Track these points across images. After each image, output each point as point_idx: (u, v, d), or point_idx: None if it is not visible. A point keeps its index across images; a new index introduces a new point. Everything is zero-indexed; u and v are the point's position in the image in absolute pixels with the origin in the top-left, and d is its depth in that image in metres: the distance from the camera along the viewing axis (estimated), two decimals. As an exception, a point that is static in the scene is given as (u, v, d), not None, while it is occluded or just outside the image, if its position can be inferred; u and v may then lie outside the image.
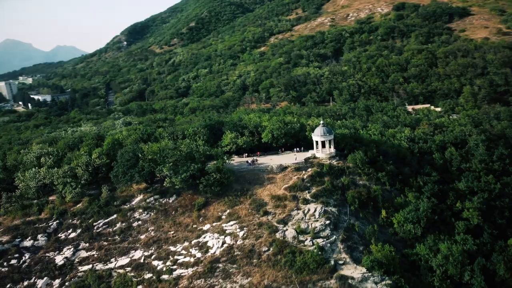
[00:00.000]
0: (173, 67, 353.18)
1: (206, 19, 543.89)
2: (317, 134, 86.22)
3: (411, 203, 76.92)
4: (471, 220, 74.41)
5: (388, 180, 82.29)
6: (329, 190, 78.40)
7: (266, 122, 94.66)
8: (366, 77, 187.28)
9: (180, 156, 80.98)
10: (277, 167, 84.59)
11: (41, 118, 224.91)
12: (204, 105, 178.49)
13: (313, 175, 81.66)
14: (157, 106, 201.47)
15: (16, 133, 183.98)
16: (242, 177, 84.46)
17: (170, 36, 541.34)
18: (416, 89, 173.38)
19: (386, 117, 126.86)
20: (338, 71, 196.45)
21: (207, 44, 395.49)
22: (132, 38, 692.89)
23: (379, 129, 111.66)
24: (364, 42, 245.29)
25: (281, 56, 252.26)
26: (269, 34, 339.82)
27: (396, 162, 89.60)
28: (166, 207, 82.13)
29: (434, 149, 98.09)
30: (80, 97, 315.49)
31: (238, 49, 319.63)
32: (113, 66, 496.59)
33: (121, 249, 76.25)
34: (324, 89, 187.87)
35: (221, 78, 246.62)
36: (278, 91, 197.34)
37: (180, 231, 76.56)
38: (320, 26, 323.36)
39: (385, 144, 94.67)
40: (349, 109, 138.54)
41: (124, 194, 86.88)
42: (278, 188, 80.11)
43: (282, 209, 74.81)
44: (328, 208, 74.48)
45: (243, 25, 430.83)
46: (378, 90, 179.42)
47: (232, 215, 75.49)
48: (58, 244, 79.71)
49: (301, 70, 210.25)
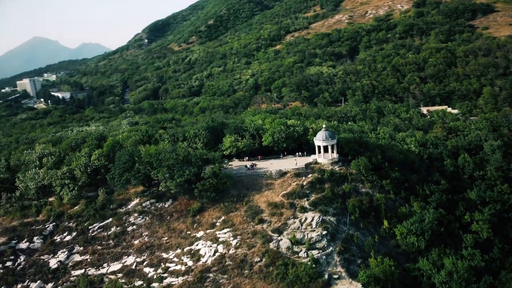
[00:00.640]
0: (189, 65, 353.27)
1: (224, 17, 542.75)
2: (319, 138, 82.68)
3: (416, 214, 72.68)
4: (481, 234, 69.61)
5: (393, 188, 78.11)
6: (329, 198, 74.93)
7: (268, 125, 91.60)
8: (381, 77, 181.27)
9: (177, 159, 78.96)
10: (276, 173, 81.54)
11: (56, 116, 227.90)
12: (214, 105, 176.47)
13: (313, 181, 78.25)
14: (168, 105, 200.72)
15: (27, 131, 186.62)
16: (240, 182, 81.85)
17: (189, 34, 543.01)
18: (433, 89, 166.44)
19: (397, 120, 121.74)
20: (352, 71, 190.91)
21: (224, 42, 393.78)
22: (153, 35, 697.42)
23: (389, 132, 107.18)
24: (381, 40, 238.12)
25: (295, 54, 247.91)
26: (285, 32, 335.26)
27: (403, 169, 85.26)
28: (161, 211, 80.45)
29: (445, 155, 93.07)
30: (97, 95, 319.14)
31: (253, 47, 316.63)
32: (131, 64, 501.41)
33: (114, 254, 75.04)
34: (337, 89, 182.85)
35: (234, 77, 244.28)
36: (290, 91, 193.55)
37: (173, 237, 74.72)
38: (337, 24, 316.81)
39: (392, 150, 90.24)
40: (360, 111, 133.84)
41: (121, 197, 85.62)
42: (275, 194, 77.13)
43: (278, 217, 71.86)
44: (326, 217, 71.11)
45: (260, 22, 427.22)
46: (393, 90, 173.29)
47: (227, 222, 73.04)
48: (53, 247, 79.15)
49: (314, 69, 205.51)
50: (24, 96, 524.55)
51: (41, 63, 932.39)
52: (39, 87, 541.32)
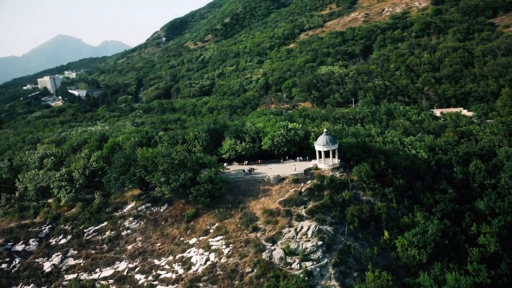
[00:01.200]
0: (202, 64, 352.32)
1: (240, 15, 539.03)
2: (319, 143, 79.64)
3: (419, 224, 68.97)
4: (488, 247, 65.43)
5: (396, 197, 74.48)
6: (327, 206, 71.92)
7: (268, 128, 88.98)
8: (394, 77, 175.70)
9: (172, 164, 77.17)
10: (274, 178, 78.92)
11: (69, 115, 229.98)
12: (222, 105, 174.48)
13: (312, 188, 75.36)
14: (177, 105, 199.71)
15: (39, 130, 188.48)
16: (237, 187, 79.62)
17: (205, 32, 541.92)
18: (448, 90, 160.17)
19: (407, 123, 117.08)
20: (365, 71, 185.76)
21: (238, 41, 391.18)
22: (171, 34, 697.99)
23: (397, 136, 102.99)
24: (397, 39, 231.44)
25: (308, 53, 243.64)
26: (299, 30, 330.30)
27: (408, 176, 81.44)
28: (156, 216, 78.91)
29: (455, 161, 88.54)
30: (111, 93, 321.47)
31: (267, 46, 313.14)
32: (147, 62, 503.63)
33: (107, 259, 73.85)
34: (348, 90, 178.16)
35: (245, 76, 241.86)
36: (300, 91, 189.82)
37: (166, 243, 73.04)
38: (352, 22, 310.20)
39: (398, 155, 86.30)
40: (369, 113, 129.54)
41: (117, 200, 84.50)
42: (272, 201, 74.56)
43: (273, 225, 69.30)
44: (323, 226, 68.18)
45: (275, 21, 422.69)
46: (406, 91, 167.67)
47: (220, 230, 70.90)
48: (48, 250, 78.57)
49: (326, 69, 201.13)
50: (44, 93, 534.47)
51: (64, 61, 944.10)
52: (59, 84, 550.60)
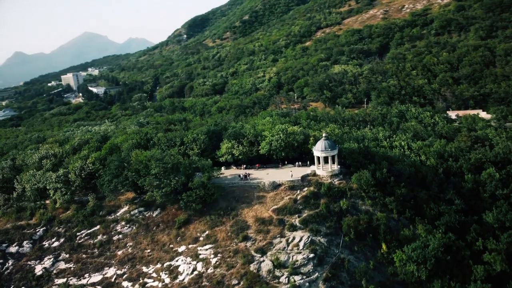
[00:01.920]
0: (218, 62, 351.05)
1: (259, 12, 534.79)
2: (317, 148, 76.01)
3: (420, 238, 64.62)
4: (493, 265, 60.55)
5: (397, 207, 70.19)
6: (323, 216, 68.42)
7: (267, 131, 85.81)
8: (410, 77, 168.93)
9: (164, 168, 75.06)
10: (269, 184, 75.81)
11: (83, 112, 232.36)
12: (231, 105, 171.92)
13: (308, 196, 71.95)
14: (187, 104, 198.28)
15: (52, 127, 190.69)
16: (231, 193, 76.94)
17: (223, 29, 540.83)
18: (466, 91, 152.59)
19: (419, 126, 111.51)
20: (379, 70, 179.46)
21: (255, 39, 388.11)
22: (192, 31, 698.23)
23: (405, 140, 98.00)
24: (415, 37, 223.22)
25: (322, 52, 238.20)
26: (316, 28, 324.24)
27: (412, 184, 76.97)
28: (148, 221, 77.13)
29: (466, 168, 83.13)
30: (126, 91, 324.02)
31: (283, 44, 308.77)
32: (166, 60, 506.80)
33: (97, 264, 72.53)
34: (361, 90, 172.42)
35: (258, 75, 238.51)
36: (311, 91, 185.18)
37: (156, 250, 71.12)
38: (371, 19, 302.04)
39: (403, 162, 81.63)
40: (379, 114, 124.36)
41: (111, 203, 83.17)
42: (265, 209, 71.53)
43: (264, 235, 66.33)
44: (316, 237, 64.76)
45: (293, 18, 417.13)
46: (422, 92, 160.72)
47: (210, 238, 68.44)
48: (41, 252, 77.91)
49: (339, 68, 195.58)
50: (67, 90, 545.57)
51: (89, 58, 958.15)
52: (82, 81, 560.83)
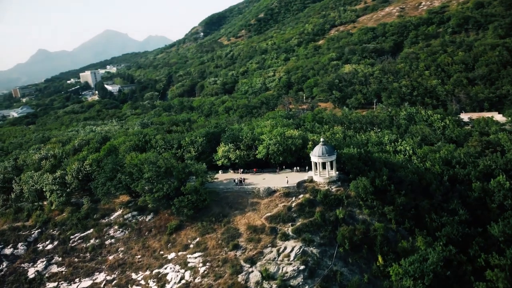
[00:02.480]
0: (231, 60, 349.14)
1: (275, 10, 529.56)
2: (315, 154, 73.17)
3: (419, 250, 61.24)
4: (496, 283, 56.79)
5: (395, 217, 66.93)
6: (317, 225, 65.75)
7: (265, 135, 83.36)
8: (423, 77, 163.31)
9: (157, 172, 73.54)
10: (264, 190, 73.45)
11: (94, 111, 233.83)
12: (238, 105, 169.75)
13: (303, 203, 69.31)
14: (195, 104, 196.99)
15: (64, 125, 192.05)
16: (225, 198, 74.94)
17: (239, 27, 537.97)
18: (482, 93, 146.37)
19: (428, 129, 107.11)
20: (391, 70, 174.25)
21: (268, 37, 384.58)
22: (209, 29, 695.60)
23: (410, 145, 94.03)
24: (430, 35, 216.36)
25: (335, 51, 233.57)
26: (330, 26, 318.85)
27: (415, 192, 73.46)
28: (141, 226, 75.80)
29: (473, 176, 78.93)
30: (139, 90, 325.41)
31: (295, 42, 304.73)
32: (181, 58, 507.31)
33: (88, 268, 71.68)
34: (371, 90, 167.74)
35: (268, 74, 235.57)
36: (321, 91, 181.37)
37: (146, 256, 69.74)
38: (386, 17, 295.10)
39: (406, 169, 77.98)
40: (388, 116, 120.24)
41: (106, 206, 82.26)
42: (258, 216, 69.22)
43: (255, 244, 64.07)
44: (309, 248, 62.15)
45: (308, 16, 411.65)
46: (434, 93, 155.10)
47: (200, 245, 66.60)
48: (34, 255, 77.66)
49: (350, 67, 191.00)
50: (85, 88, 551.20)
51: (110, 55, 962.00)
52: (99, 79, 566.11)
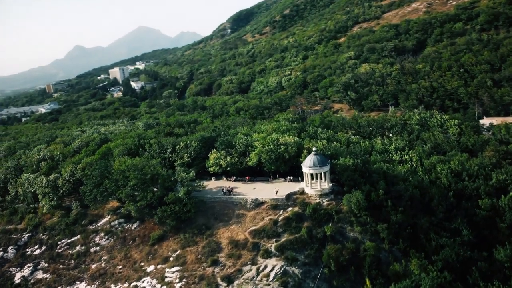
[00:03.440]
0: (252, 58, 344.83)
1: (301, 6, 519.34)
2: (306, 164, 68.71)
3: (412, 275, 55.81)
4: (495, 317, 50.85)
5: (389, 236, 61.59)
6: (303, 242, 61.48)
7: (259, 142, 79.42)
8: (444, 78, 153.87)
9: (143, 179, 71.12)
10: (251, 202, 69.68)
11: (111, 109, 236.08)
12: (249, 105, 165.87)
13: (291, 217, 65.09)
14: (208, 103, 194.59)
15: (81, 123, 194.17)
16: (211, 208, 71.71)
17: (263, 24, 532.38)
18: (508, 95, 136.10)
19: (441, 136, 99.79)
20: (410, 70, 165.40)
21: (291, 34, 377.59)
22: (236, 25, 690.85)
23: (420, 154, 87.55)
24: (457, 33, 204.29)
25: (354, 49, 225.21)
26: (353, 22, 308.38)
27: (415, 208, 67.78)
28: (126, 234, 73.83)
29: (483, 191, 72.10)
30: (159, 87, 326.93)
31: (316, 39, 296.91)
32: (205, 55, 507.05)
33: (71, 277, 70.47)
34: (388, 91, 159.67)
35: (285, 73, 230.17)
36: (336, 92, 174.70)
37: (127, 267, 67.60)
38: (412, 13, 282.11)
39: (408, 181, 72.13)
40: (399, 121, 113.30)
41: (95, 212, 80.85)
42: (242, 230, 65.59)
43: (235, 260, 60.52)
44: (291, 267, 58.02)
45: (332, 12, 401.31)
46: (456, 95, 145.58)
47: (179, 259, 63.75)
48: (23, 259, 77.34)
49: (367, 67, 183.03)
50: (114, 84, 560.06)
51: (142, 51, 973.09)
52: (127, 75, 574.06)
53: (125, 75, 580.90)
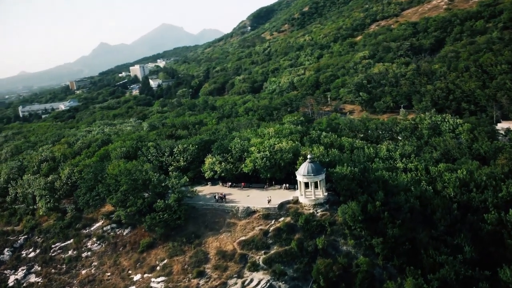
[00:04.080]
0: (268, 56, 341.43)
1: (320, 3, 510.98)
2: (300, 172, 65.88)
3: (406, 294, 52.43)
4: None
5: (384, 251, 58.14)
6: (292, 255, 58.87)
7: (255, 147, 76.91)
8: (461, 79, 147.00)
9: (134, 184, 69.82)
10: (242, 211, 67.36)
11: (125, 108, 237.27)
12: (258, 106, 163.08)
13: (282, 228, 62.50)
14: (218, 103, 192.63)
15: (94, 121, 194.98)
16: (202, 216, 69.82)
17: (282, 22, 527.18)
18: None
19: (452, 142, 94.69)
20: (426, 70, 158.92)
21: (308, 32, 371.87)
22: (256, 23, 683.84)
23: (426, 162, 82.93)
24: (478, 31, 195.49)
25: (370, 48, 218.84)
26: (371, 20, 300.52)
27: (415, 221, 63.87)
28: (117, 240, 72.75)
29: (491, 203, 67.46)
30: (174, 86, 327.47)
31: (332, 38, 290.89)
32: (223, 53, 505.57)
33: (60, 282, 69.91)
34: (402, 93, 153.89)
35: (297, 72, 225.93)
36: (348, 92, 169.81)
37: (115, 274, 66.48)
38: (432, 10, 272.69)
39: (410, 192, 68.15)
40: (409, 125, 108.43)
41: (89, 216, 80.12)
42: (231, 240, 63.37)
43: (221, 273, 58.43)
44: (277, 282, 55.60)
45: (351, 9, 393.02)
46: (473, 97, 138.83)
47: (166, 268, 62.12)
48: (17, 262, 77.46)
49: (382, 67, 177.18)
50: (134, 81, 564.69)
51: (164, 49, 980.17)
52: (147, 73, 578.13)
53: (145, 72, 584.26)
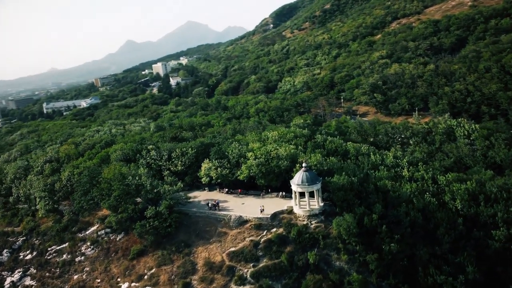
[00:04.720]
0: (286, 55, 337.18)
1: (342, 0, 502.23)
2: (294, 182, 62.93)
3: (400, 317, 49.02)
4: None
5: (379, 268, 54.66)
6: (281, 269, 56.20)
7: (253, 153, 74.40)
8: (482, 80, 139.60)
9: (127, 189, 68.61)
10: (234, 220, 65.06)
11: (140, 106, 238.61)
12: (269, 107, 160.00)
13: (273, 240, 59.86)
14: (230, 103, 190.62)
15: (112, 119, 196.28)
16: (194, 223, 67.99)
17: (303, 19, 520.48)
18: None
19: (466, 149, 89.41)
20: (444, 71, 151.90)
21: (327, 30, 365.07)
22: (279, 20, 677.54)
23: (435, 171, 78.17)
24: (502, 29, 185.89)
25: (388, 47, 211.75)
26: (392, 18, 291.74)
27: (414, 236, 60.02)
28: (110, 245, 71.81)
29: (500, 219, 62.75)
30: (191, 84, 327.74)
31: (351, 36, 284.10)
32: (243, 51, 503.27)
33: (53, 286, 69.67)
34: (418, 95, 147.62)
35: (313, 72, 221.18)
36: (362, 94, 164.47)
37: (105, 281, 65.51)
38: (457, 7, 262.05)
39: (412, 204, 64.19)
40: (421, 130, 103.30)
41: (86, 219, 79.66)
42: (221, 250, 61.19)
43: (206, 285, 56.48)
44: (264, 298, 52.82)
45: (372, 6, 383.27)
46: (494, 100, 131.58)
47: (152, 278, 60.57)
48: (14, 264, 77.80)
49: (398, 67, 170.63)
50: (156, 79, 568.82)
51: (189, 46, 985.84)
52: (169, 70, 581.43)
53: (166, 70, 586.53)
